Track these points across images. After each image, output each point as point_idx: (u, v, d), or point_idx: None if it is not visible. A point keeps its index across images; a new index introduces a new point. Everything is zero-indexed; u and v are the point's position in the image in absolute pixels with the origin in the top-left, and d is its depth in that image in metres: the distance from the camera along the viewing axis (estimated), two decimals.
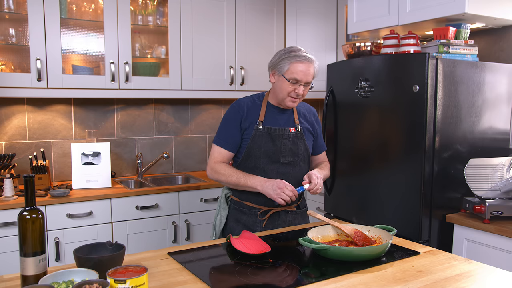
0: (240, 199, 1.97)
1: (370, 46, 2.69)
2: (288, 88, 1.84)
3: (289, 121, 1.97)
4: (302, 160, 1.98)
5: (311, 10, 3.50)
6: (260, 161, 1.90)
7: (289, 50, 1.87)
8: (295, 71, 1.82)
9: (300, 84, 1.84)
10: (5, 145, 2.91)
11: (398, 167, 2.35)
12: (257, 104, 1.96)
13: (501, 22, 2.53)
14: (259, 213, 1.93)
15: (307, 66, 1.83)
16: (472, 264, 1.46)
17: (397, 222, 2.29)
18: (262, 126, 1.91)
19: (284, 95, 1.87)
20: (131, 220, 2.76)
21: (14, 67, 2.81)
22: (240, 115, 1.92)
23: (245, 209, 1.96)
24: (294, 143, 1.94)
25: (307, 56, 1.84)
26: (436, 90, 2.20)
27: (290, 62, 1.83)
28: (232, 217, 1.99)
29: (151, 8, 3.11)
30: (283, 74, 1.84)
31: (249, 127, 1.91)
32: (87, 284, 1.06)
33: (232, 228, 1.97)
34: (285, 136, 1.92)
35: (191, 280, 1.31)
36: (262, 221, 1.93)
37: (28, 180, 1.22)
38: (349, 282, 1.30)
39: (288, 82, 1.83)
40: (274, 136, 1.91)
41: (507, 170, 2.19)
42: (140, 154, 3.26)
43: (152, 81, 3.03)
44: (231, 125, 1.93)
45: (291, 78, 1.83)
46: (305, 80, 1.84)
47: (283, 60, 1.85)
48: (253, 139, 1.90)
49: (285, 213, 1.96)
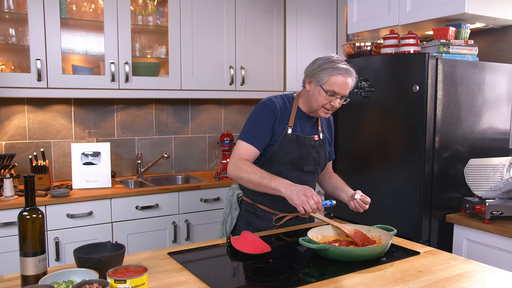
0: (254, 202, 1.91)
1: (370, 46, 2.69)
2: (324, 100, 1.76)
3: (314, 129, 1.92)
4: (321, 169, 1.96)
5: (311, 10, 3.50)
6: (284, 167, 1.84)
7: (329, 60, 1.76)
8: (334, 83, 1.73)
9: (337, 97, 1.76)
10: (5, 145, 2.91)
11: (398, 167, 2.35)
12: (288, 107, 1.87)
13: (501, 22, 2.53)
14: (274, 218, 1.88)
15: (346, 79, 1.74)
16: (472, 264, 1.46)
17: (397, 222, 2.29)
18: (291, 132, 1.83)
19: (318, 106, 1.79)
20: (131, 220, 2.76)
21: (14, 67, 2.81)
22: (275, 115, 1.82)
23: (258, 212, 1.90)
24: (317, 152, 1.90)
25: (349, 69, 1.75)
26: (436, 90, 2.20)
27: (330, 73, 1.73)
28: (243, 219, 1.93)
29: (151, 8, 3.11)
30: (321, 85, 1.75)
31: (279, 132, 1.82)
32: (87, 284, 1.06)
33: (242, 230, 1.89)
34: (311, 145, 1.87)
35: (191, 280, 1.31)
36: (275, 226, 1.90)
37: (28, 180, 1.22)
38: (349, 282, 1.30)
39: (325, 94, 1.75)
40: (301, 144, 1.84)
41: (507, 170, 2.19)
42: (140, 154, 3.26)
43: (152, 81, 3.03)
44: (263, 124, 1.81)
45: (330, 90, 1.74)
46: (343, 94, 1.76)
47: (323, 70, 1.75)
48: (280, 144, 1.82)
49: (297, 219, 1.95)
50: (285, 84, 3.55)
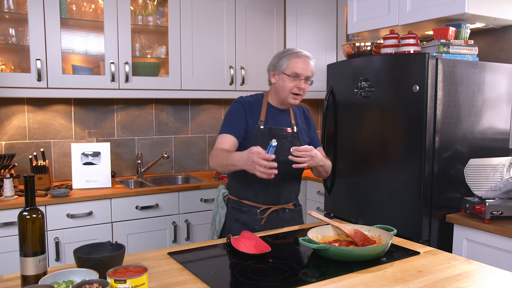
0: (238, 198, 2.00)
1: (370, 46, 2.69)
2: (290, 84, 1.90)
3: (287, 121, 2.02)
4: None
5: (311, 10, 3.50)
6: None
7: (286, 50, 1.97)
8: (295, 66, 1.90)
9: (300, 78, 1.90)
10: (5, 145, 2.91)
11: (398, 167, 2.35)
12: (258, 104, 2.00)
13: (501, 22, 2.53)
14: (258, 211, 1.95)
15: (305, 60, 1.92)
16: (472, 264, 1.46)
17: (397, 222, 2.29)
18: (263, 126, 1.95)
19: (286, 93, 1.92)
20: (131, 220, 2.76)
21: (14, 67, 2.81)
22: (245, 109, 1.96)
23: (243, 207, 1.98)
24: (292, 143, 1.98)
25: (304, 52, 1.94)
26: (436, 90, 2.20)
27: (288, 58, 1.91)
28: (230, 216, 2.01)
29: (151, 8, 3.11)
30: (284, 71, 1.91)
31: (252, 125, 1.95)
32: (87, 284, 1.06)
33: (231, 227, 1.99)
34: (284, 136, 1.96)
35: (191, 280, 1.31)
36: (261, 219, 1.96)
37: (28, 180, 1.22)
38: (349, 282, 1.30)
39: (289, 78, 1.90)
40: (274, 135, 1.93)
41: (507, 170, 2.19)
42: (140, 154, 3.26)
43: (152, 81, 3.03)
44: (236, 117, 1.95)
45: (292, 73, 1.89)
46: (305, 74, 1.91)
47: (282, 59, 1.93)
48: (254, 138, 1.93)
49: (283, 211, 2.00)
50: None
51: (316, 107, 4.13)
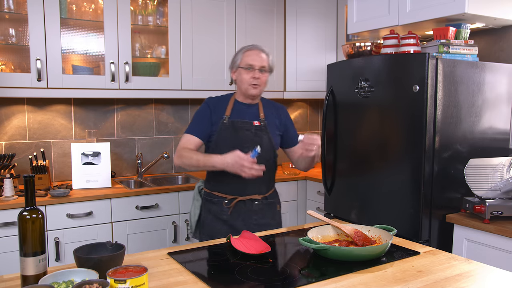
0: (211, 190, 2.13)
1: (370, 46, 2.69)
2: (246, 76, 2.06)
3: (254, 115, 2.13)
4: (266, 151, 2.09)
5: (311, 10, 3.50)
6: (226, 152, 2.00)
7: (240, 48, 2.16)
8: (248, 58, 2.07)
9: (255, 69, 2.05)
10: (5, 145, 2.91)
11: (398, 167, 2.35)
12: (225, 101, 2.15)
13: (501, 22, 2.53)
14: (225, 202, 2.07)
15: (257, 51, 2.08)
16: (472, 264, 1.46)
17: (397, 222, 2.29)
18: (227, 120, 2.09)
19: (245, 85, 2.07)
20: (131, 220, 2.76)
21: (14, 67, 2.81)
22: (210, 109, 2.11)
23: (214, 199, 2.11)
24: (257, 135, 2.09)
25: (257, 45, 2.11)
26: (436, 90, 2.20)
27: (242, 53, 2.10)
28: (204, 208, 2.15)
29: (151, 8, 3.11)
30: (239, 65, 2.09)
31: (217, 122, 2.09)
32: (87, 284, 1.06)
33: (204, 217, 2.14)
34: (247, 128, 2.08)
35: (191, 280, 1.31)
36: (228, 209, 2.06)
37: (28, 180, 1.22)
38: (349, 282, 1.30)
39: (245, 70, 2.06)
40: (237, 128, 2.08)
41: (507, 170, 2.19)
42: (140, 154, 3.26)
43: (152, 81, 3.03)
44: (202, 117, 2.11)
45: (246, 64, 2.06)
46: (259, 64, 2.05)
47: (237, 55, 2.13)
48: (219, 132, 2.07)
49: (251, 202, 2.09)
50: (285, 84, 3.55)
51: (316, 107, 4.13)
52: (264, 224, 2.10)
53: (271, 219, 2.15)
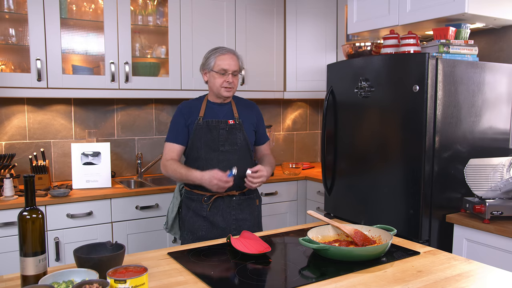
0: (191, 188, 2.17)
1: (370, 46, 2.69)
2: (220, 80, 2.10)
3: (228, 114, 2.19)
4: (241, 149, 2.17)
5: (311, 10, 3.50)
6: (202, 151, 2.13)
7: (212, 49, 2.16)
8: (221, 63, 2.09)
9: (228, 73, 2.09)
10: (5, 145, 2.91)
11: (398, 167, 2.35)
12: (198, 103, 2.20)
13: (501, 22, 2.53)
14: (204, 198, 2.12)
15: (231, 57, 2.11)
16: (472, 264, 1.46)
17: (397, 222, 2.29)
18: (201, 121, 2.14)
19: (218, 87, 2.11)
20: (131, 220, 2.76)
21: (14, 67, 2.81)
22: (183, 113, 2.16)
23: (193, 196, 2.16)
24: (232, 133, 2.15)
25: (228, 48, 2.15)
26: (436, 90, 2.20)
27: (215, 57, 2.11)
28: (184, 205, 2.20)
29: (151, 8, 3.11)
30: (212, 69, 2.11)
31: (191, 124, 2.15)
32: (87, 284, 1.06)
33: (184, 214, 2.19)
34: (221, 127, 2.14)
35: (191, 280, 1.31)
36: (207, 206, 2.11)
37: (28, 180, 1.22)
38: (349, 282, 1.30)
39: (218, 75, 2.10)
40: (211, 127, 2.13)
41: (507, 170, 2.19)
42: (140, 154, 3.26)
43: (152, 81, 3.03)
44: (177, 123, 2.16)
45: (220, 69, 2.09)
46: (232, 69, 2.10)
47: (209, 58, 2.13)
48: (195, 132, 2.13)
49: (229, 198, 2.14)
50: (285, 84, 3.55)
51: (316, 107, 4.13)
52: (243, 219, 2.16)
53: (250, 214, 2.19)
